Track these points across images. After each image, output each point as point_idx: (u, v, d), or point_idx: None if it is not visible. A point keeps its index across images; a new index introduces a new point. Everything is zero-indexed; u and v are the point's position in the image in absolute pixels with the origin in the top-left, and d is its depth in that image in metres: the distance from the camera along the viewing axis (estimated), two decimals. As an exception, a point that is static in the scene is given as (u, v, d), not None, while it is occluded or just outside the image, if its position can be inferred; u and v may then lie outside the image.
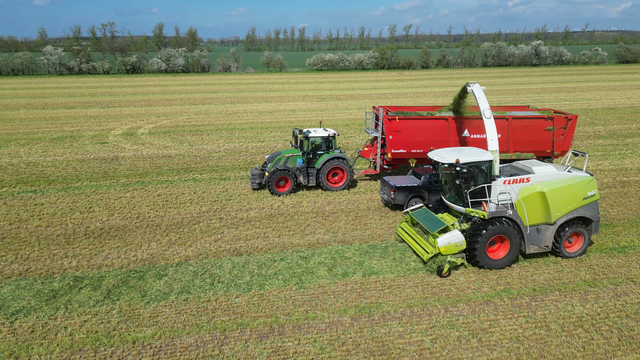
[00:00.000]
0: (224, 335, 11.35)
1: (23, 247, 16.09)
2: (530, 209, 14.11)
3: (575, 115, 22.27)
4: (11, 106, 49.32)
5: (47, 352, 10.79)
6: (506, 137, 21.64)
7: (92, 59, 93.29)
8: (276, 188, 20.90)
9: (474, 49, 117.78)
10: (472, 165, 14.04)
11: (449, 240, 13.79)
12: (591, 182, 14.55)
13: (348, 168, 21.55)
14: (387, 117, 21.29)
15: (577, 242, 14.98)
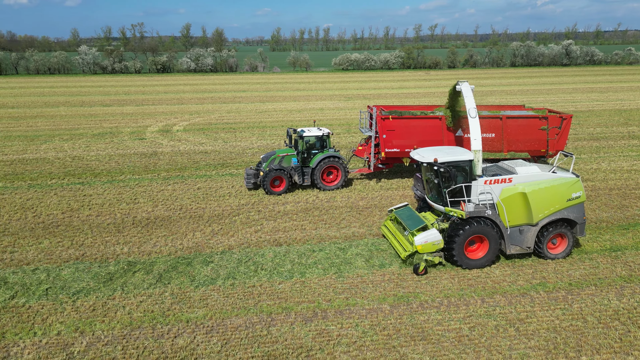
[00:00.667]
0: (270, 318, 12.04)
1: (77, 234, 17.17)
2: (511, 209, 14.03)
3: (570, 115, 22.22)
4: (51, 103, 51.47)
5: (108, 328, 11.67)
6: (500, 137, 21.68)
7: (125, 58, 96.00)
8: (271, 187, 20.92)
9: (502, 48, 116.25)
10: (451, 164, 14.01)
11: (426, 239, 13.90)
12: (576, 183, 14.32)
13: (342, 167, 21.54)
14: (381, 116, 21.36)
15: (562, 244, 14.81)
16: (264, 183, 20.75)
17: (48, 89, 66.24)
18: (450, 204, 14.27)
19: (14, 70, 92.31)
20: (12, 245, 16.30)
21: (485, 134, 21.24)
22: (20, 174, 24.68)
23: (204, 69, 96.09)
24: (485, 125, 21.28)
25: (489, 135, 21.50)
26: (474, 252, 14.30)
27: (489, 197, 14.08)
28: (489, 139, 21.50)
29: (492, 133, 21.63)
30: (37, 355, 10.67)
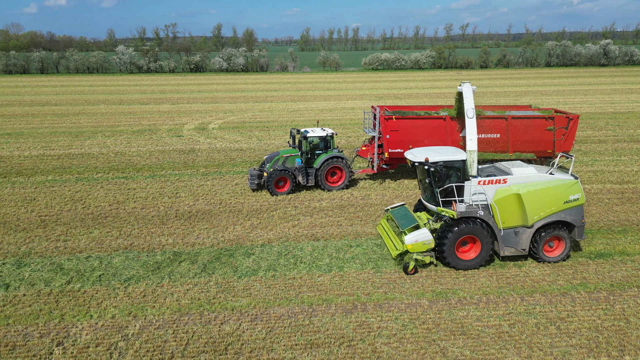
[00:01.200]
0: (311, 309, 12.43)
1: (124, 225, 18.02)
2: (506, 210, 13.86)
3: (577, 115, 21.74)
4: (92, 101, 53.51)
5: (159, 313, 12.31)
6: (505, 137, 21.39)
7: (159, 58, 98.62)
8: (275, 188, 20.87)
9: (536, 48, 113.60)
10: (443, 164, 13.95)
11: (416, 238, 13.87)
12: (574, 185, 14.01)
13: (346, 167, 21.43)
14: (384, 116, 21.24)
15: (559, 247, 14.56)
16: (268, 184, 20.68)
17: (87, 87, 68.78)
18: (444, 204, 14.19)
19: (55, 69, 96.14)
20: (65, 234, 17.25)
21: (490, 134, 21.19)
22: (68, 168, 25.94)
23: (236, 69, 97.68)
24: (490, 126, 21.26)
25: (494, 136, 21.36)
26: (466, 253, 14.23)
27: (482, 198, 13.93)
28: (494, 140, 21.37)
29: (497, 133, 21.42)
30: (95, 336, 11.37)
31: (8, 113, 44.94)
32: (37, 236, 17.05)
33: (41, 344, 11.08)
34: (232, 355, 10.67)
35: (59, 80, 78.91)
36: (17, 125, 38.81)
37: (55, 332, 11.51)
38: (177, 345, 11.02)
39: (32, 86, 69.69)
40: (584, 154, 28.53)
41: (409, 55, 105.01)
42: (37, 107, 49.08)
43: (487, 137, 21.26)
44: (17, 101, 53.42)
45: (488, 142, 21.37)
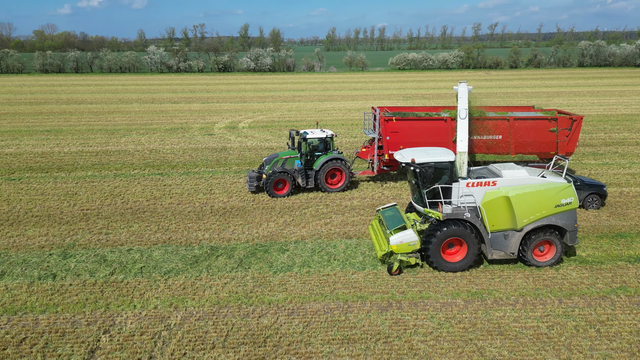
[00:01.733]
0: (347, 305, 12.60)
1: (162, 220, 18.58)
2: (495, 213, 13.66)
3: (580, 116, 21.19)
4: (125, 100, 55.03)
5: (199, 305, 12.70)
6: (508, 139, 20.97)
7: (189, 58, 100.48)
8: (274, 190, 20.67)
9: (568, 48, 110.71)
10: (430, 165, 13.80)
11: (401, 239, 13.77)
12: (566, 189, 13.67)
13: (346, 169, 21.16)
14: (384, 117, 20.98)
15: (550, 252, 14.23)
16: (267, 186, 20.52)
17: (120, 86, 70.70)
18: (433, 205, 14.04)
19: (89, 69, 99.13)
20: (107, 227, 17.92)
21: (493, 135, 20.88)
22: (106, 164, 26.84)
23: (263, 69, 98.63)
24: (492, 127, 20.94)
25: (496, 137, 21.05)
26: (453, 255, 14.07)
27: (471, 200, 13.74)
28: (495, 141, 21.06)
29: (499, 135, 21.08)
30: (139, 325, 11.83)
31: (47, 111, 46.67)
32: (80, 229, 17.76)
33: (89, 332, 11.59)
34: (271, 348, 10.94)
35: (93, 80, 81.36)
36: (56, 122, 40.29)
37: (101, 321, 12.02)
38: (217, 336, 11.37)
39: (67, 85, 72.09)
40: (621, 156, 27.81)
41: (437, 55, 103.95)
42: (73, 105, 50.79)
43: (489, 139, 21.05)
44: (54, 99, 55.39)
45: (490, 144, 21.14)
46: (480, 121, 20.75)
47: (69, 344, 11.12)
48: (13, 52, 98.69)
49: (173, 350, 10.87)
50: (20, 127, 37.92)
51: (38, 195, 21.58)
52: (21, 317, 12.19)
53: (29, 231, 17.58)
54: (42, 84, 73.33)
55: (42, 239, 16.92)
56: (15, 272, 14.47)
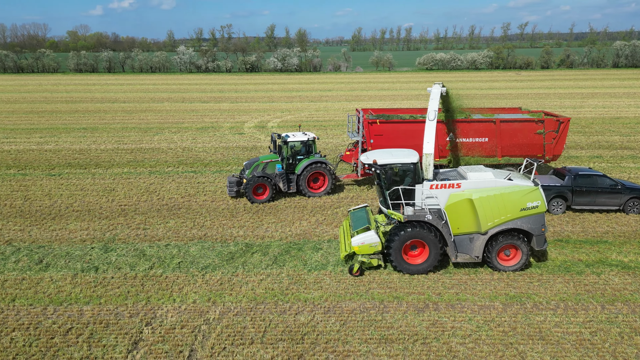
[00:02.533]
0: (383, 305, 12.59)
1: (197, 217, 18.94)
2: (459, 216, 13.48)
3: (567, 118, 20.58)
4: (156, 99, 56.23)
5: (236, 300, 12.90)
6: (494, 142, 20.46)
7: (217, 58, 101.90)
8: (254, 196, 20.05)
9: (602, 48, 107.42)
10: (391, 167, 13.71)
11: (363, 241, 13.69)
12: (533, 192, 13.39)
13: (329, 173, 20.60)
14: (368, 120, 20.52)
15: (516, 256, 13.92)
16: (247, 191, 19.94)
17: (151, 85, 72.26)
18: (395, 207, 13.94)
19: (121, 69, 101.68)
20: (144, 223, 18.37)
21: (478, 138, 20.46)
22: (141, 161, 27.50)
23: (289, 69, 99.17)
24: (478, 130, 20.51)
25: (482, 140, 20.60)
26: (415, 257, 13.97)
27: (435, 202, 13.60)
28: (481, 144, 20.60)
29: (485, 137, 20.62)
30: (180, 319, 12.10)
31: (82, 109, 48.11)
32: (119, 224, 18.26)
33: (131, 323, 11.92)
34: (309, 345, 11.03)
35: (125, 79, 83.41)
36: (91, 120, 41.51)
37: (143, 313, 12.35)
38: (255, 332, 11.53)
39: (100, 84, 74.11)
40: (662, 160, 26.86)
41: (465, 55, 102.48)
42: (107, 104, 52.21)
43: (475, 142, 20.62)
44: (89, 98, 57.06)
45: (476, 147, 20.68)
46: (467, 124, 20.47)
47: (113, 335, 11.47)
48: (49, 52, 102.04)
49: (213, 344, 11.07)
50: (58, 125, 39.21)
51: (78, 190, 22.30)
52: (66, 307, 12.63)
53: (70, 225, 18.18)
54: (76, 83, 75.61)
55: (84, 232, 17.48)
56: (59, 264, 15.00)
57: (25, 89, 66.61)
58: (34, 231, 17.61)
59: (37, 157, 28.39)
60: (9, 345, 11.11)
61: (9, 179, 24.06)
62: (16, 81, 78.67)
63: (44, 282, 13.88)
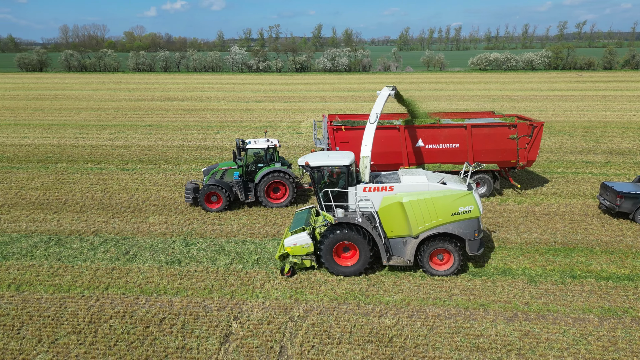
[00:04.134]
0: (468, 312, 12.30)
1: (269, 214, 19.24)
2: (391, 219, 13.49)
3: (540, 122, 19.24)
4: (213, 98, 57.78)
5: (317, 299, 12.99)
6: (465, 147, 19.39)
7: (268, 58, 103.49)
8: (207, 204, 19.19)
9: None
10: (323, 169, 13.84)
11: (295, 242, 13.90)
12: (465, 197, 13.19)
13: (290, 182, 19.43)
14: (332, 127, 19.62)
15: (449, 261, 13.81)
16: (199, 199, 19.14)
17: (206, 85, 74.31)
18: (329, 208, 14.00)
19: (176, 68, 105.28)
20: (218, 218, 18.87)
21: (449, 144, 19.58)
22: (207, 158, 28.31)
23: (339, 69, 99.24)
24: (448, 135, 19.51)
25: (453, 146, 19.64)
26: (347, 259, 13.96)
27: (369, 205, 13.59)
28: (452, 150, 19.64)
29: (456, 143, 19.60)
30: (265, 314, 12.32)
31: (145, 107, 50.15)
32: (195, 218, 18.86)
33: (219, 317, 12.26)
34: (398, 348, 10.94)
35: (180, 78, 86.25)
36: (155, 118, 43.17)
37: (229, 307, 12.67)
38: (342, 332, 11.56)
39: (158, 83, 76.97)
40: None
41: (521, 55, 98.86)
42: (167, 102, 54.16)
43: (446, 148, 19.69)
44: (149, 96, 59.39)
45: (447, 153, 19.71)
46: (437, 130, 19.64)
47: (204, 327, 11.83)
48: (110, 51, 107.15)
49: (302, 342, 11.19)
50: (125, 122, 41.06)
51: (152, 185, 23.23)
52: (156, 298, 13.16)
53: (149, 218, 18.96)
54: (136, 82, 78.89)
55: (163, 226, 18.18)
56: (145, 255, 15.66)
57: (90, 87, 70.24)
58: (117, 223, 18.49)
59: (110, 153, 29.83)
60: (109, 332, 11.69)
61: (87, 173, 25.41)
62: (81, 79, 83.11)
63: (133, 273, 14.54)
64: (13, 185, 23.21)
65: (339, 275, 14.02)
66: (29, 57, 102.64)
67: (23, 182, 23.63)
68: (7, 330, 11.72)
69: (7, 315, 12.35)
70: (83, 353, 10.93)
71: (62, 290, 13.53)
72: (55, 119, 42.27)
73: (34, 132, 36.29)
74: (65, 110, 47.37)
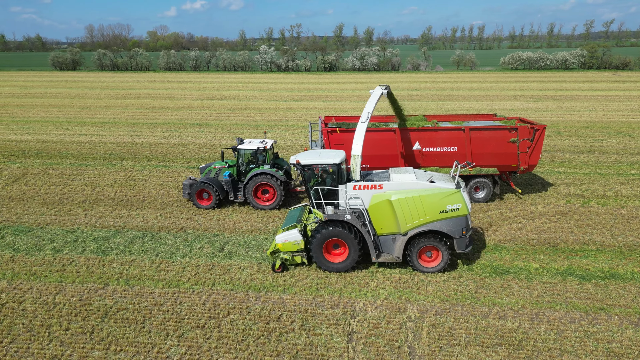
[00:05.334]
0: (590, 316, 12.07)
1: (348, 213, 19.22)
2: (380, 216, 13.76)
3: (542, 125, 18.63)
4: (250, 97, 58.11)
5: (428, 299, 12.90)
6: (464, 151, 18.86)
7: (297, 57, 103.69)
8: (198, 201, 19.72)
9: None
10: (313, 167, 14.07)
11: (286, 238, 14.22)
12: (453, 195, 13.44)
13: (277, 185, 19.26)
14: (327, 129, 19.26)
15: (437, 258, 14.04)
16: (191, 195, 19.73)
17: (239, 84, 74.74)
18: (320, 206, 14.24)
19: (206, 67, 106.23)
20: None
21: (447, 147, 19.11)
22: (266, 157, 28.40)
23: (368, 68, 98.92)
24: (446, 138, 19.03)
25: (451, 149, 19.13)
26: (337, 256, 14.21)
27: (359, 202, 13.87)
28: (451, 153, 19.10)
29: (455, 147, 19.09)
30: (380, 314, 12.28)
31: (187, 106, 50.65)
32: (276, 216, 18.93)
33: (335, 315, 12.26)
34: (531, 352, 10.78)
35: (212, 77, 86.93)
36: (201, 117, 43.56)
37: (342, 305, 12.67)
38: (466, 334, 11.45)
39: (192, 82, 77.64)
40: None
41: (555, 54, 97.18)
42: (207, 101, 54.63)
43: (443, 151, 19.20)
44: (188, 95, 59.99)
45: (445, 156, 19.15)
46: (434, 132, 19.20)
47: (324, 325, 11.84)
48: (142, 51, 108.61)
49: (429, 343, 11.12)
50: (173, 120, 41.53)
51: (222, 183, 23.39)
52: (266, 295, 13.23)
53: (231, 215, 19.10)
54: (169, 81, 79.74)
55: (247, 223, 18.30)
56: (240, 252, 15.79)
57: (126, 86, 71.27)
58: (201, 220, 18.68)
59: (169, 150, 30.17)
60: (231, 327, 11.79)
61: (155, 170, 25.75)
62: (115, 78, 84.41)
63: (234, 269, 14.65)
64: (87, 182, 23.65)
65: (327, 271, 14.28)
66: (62, 56, 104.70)
67: (96, 179, 24.06)
68: (132, 324, 11.92)
69: (127, 309, 12.56)
70: (214, 347, 11.04)
71: (171, 285, 13.71)
72: (105, 117, 42.98)
73: (89, 130, 36.95)
74: (111, 109, 48.16)
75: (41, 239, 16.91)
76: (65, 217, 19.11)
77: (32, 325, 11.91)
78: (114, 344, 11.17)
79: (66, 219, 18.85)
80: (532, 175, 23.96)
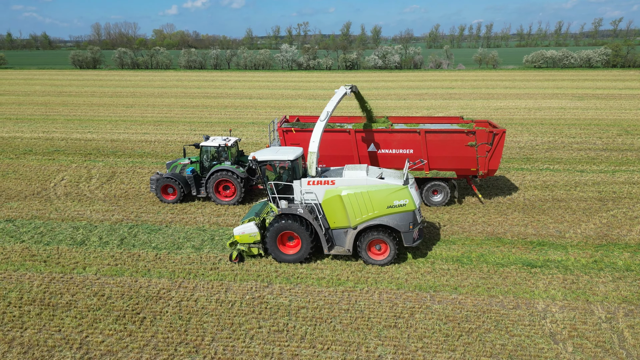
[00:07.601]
0: None
1: (466, 212, 19.07)
2: (333, 211, 14.42)
3: (502, 130, 18.36)
4: (287, 96, 57.84)
5: (553, 300, 12.73)
6: (419, 153, 18.72)
7: (318, 55, 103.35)
8: (163, 195, 20.19)
9: None
10: (268, 163, 14.66)
11: (243, 231, 14.81)
12: (400, 191, 14.05)
13: (237, 182, 19.65)
14: (282, 128, 19.27)
15: (386, 251, 14.65)
16: (156, 190, 20.14)
17: (264, 82, 74.44)
18: (276, 200, 14.81)
19: (226, 66, 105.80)
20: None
21: (402, 149, 18.99)
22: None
23: (389, 66, 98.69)
24: (401, 140, 18.89)
25: (407, 152, 19.01)
26: (290, 248, 14.81)
27: (313, 197, 14.48)
28: (405, 156, 18.91)
29: (410, 149, 18.95)
30: (569, 316, 12.12)
31: (229, 104, 50.33)
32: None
33: (520, 315, 12.12)
34: None
35: (237, 76, 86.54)
36: (250, 115, 43.35)
37: (524, 307, 12.53)
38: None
39: (220, 80, 77.18)
40: None
41: (579, 52, 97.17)
42: (246, 99, 54.31)
43: (399, 153, 19.07)
44: (224, 94, 59.61)
45: (401, 158, 18.94)
46: (389, 134, 19.04)
47: (519, 326, 11.67)
48: (163, 49, 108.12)
49: (634, 345, 10.95)
50: (225, 119, 41.24)
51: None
52: (438, 294, 13.04)
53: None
54: (195, 79, 79.30)
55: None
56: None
57: (155, 84, 70.85)
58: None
59: (241, 147, 29.88)
60: (420, 326, 11.58)
61: (240, 169, 25.47)
62: (139, 77, 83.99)
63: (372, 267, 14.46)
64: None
65: (282, 262, 14.72)
66: (82, 54, 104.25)
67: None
68: (320, 322, 11.72)
69: (305, 307, 12.35)
70: (421, 347, 10.84)
71: (333, 284, 13.51)
72: (156, 116, 42.67)
73: (148, 129, 36.64)
74: (156, 107, 47.85)
75: (176, 237, 16.73)
76: (183, 215, 18.91)
77: (223, 324, 11.76)
78: (318, 342, 11.01)
79: (185, 218, 18.66)
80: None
